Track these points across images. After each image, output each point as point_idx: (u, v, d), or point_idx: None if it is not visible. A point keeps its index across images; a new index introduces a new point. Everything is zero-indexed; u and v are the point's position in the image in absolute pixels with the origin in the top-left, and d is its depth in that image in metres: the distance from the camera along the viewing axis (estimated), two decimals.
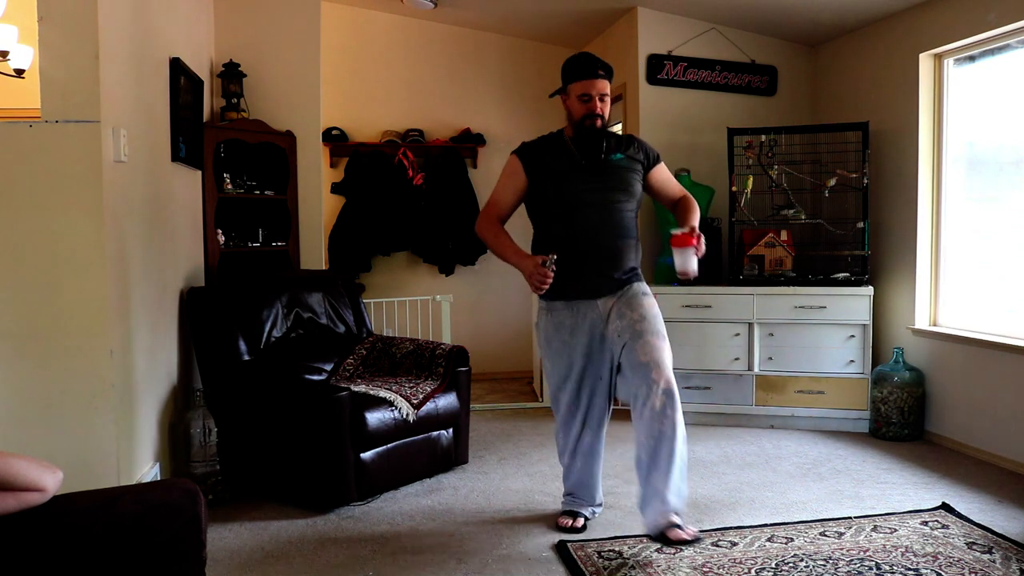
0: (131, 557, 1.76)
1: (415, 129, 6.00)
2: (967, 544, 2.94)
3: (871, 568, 2.74)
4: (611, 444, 4.38)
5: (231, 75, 4.53)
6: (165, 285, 3.55)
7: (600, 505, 3.27)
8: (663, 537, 2.81)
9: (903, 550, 2.89)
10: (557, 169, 3.02)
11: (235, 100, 4.54)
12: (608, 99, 3.01)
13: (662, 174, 3.16)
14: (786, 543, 2.97)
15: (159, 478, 3.25)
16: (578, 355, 3.01)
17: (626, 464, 4.01)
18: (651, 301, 3.02)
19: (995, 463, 3.98)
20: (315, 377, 3.55)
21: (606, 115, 3.02)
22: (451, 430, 3.84)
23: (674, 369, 4.82)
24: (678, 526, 2.80)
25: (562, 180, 3.00)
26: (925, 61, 4.46)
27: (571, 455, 3.18)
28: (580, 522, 3.15)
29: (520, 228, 3.24)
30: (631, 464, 3.98)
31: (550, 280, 2.84)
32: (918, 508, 3.34)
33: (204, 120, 4.30)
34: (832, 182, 4.69)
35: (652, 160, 3.13)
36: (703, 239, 2.89)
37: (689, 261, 2.86)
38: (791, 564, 2.78)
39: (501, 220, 3.08)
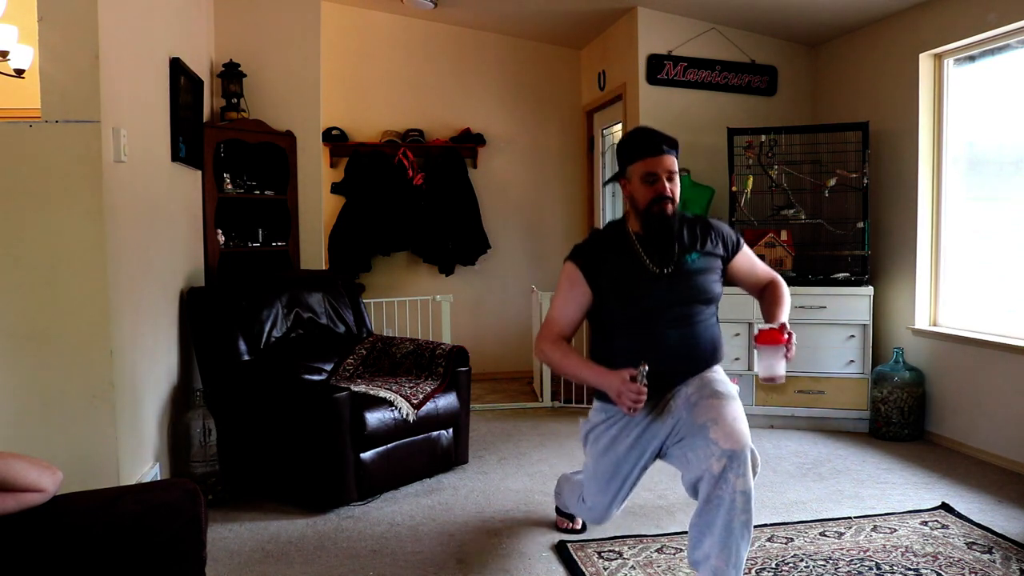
0: (131, 557, 1.76)
1: (415, 129, 6.00)
2: (967, 544, 2.94)
3: (871, 568, 2.74)
4: None
5: (231, 75, 4.53)
6: (165, 285, 3.55)
7: None
8: None
9: (903, 550, 2.89)
10: (624, 278, 2.58)
11: (235, 100, 4.54)
12: (677, 178, 2.57)
13: (746, 261, 2.76)
14: (786, 543, 2.97)
15: (159, 478, 3.25)
16: (623, 448, 2.66)
17: None
18: (714, 375, 2.61)
19: (995, 463, 3.98)
20: (315, 377, 3.55)
21: (676, 197, 2.57)
22: (451, 430, 3.84)
23: None
24: None
25: (631, 292, 2.57)
26: (925, 61, 4.46)
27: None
28: (579, 523, 3.15)
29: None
30: None
31: (645, 396, 2.37)
32: (918, 508, 3.34)
33: (204, 120, 4.30)
34: (832, 182, 4.69)
35: (732, 249, 2.72)
36: (794, 338, 2.44)
37: (778, 364, 2.40)
38: (791, 564, 2.78)
39: (565, 340, 2.64)
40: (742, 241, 2.78)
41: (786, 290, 2.72)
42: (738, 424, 2.37)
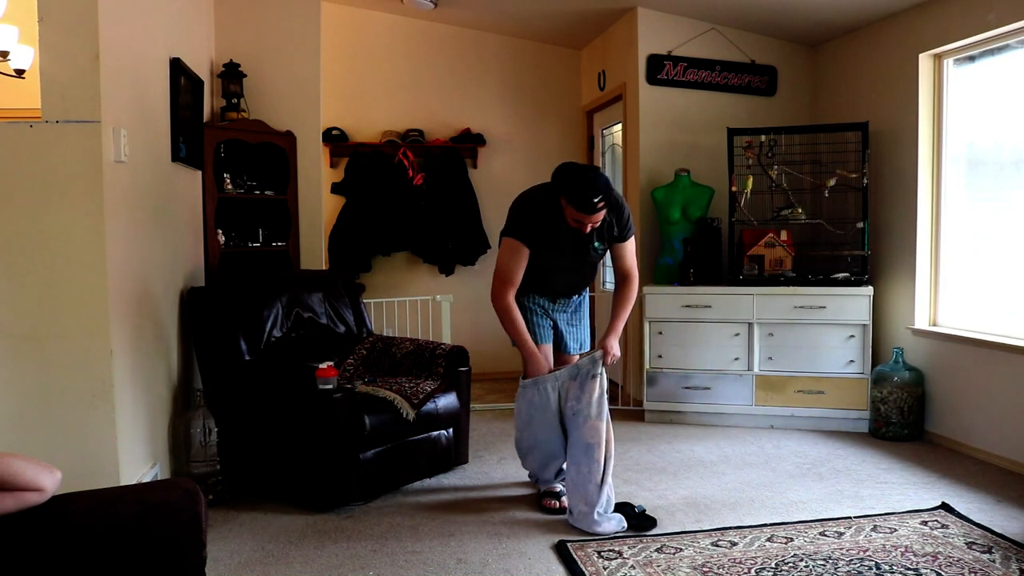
0: (131, 557, 1.76)
1: (415, 129, 6.00)
2: (967, 544, 2.94)
3: (871, 568, 2.74)
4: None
5: (231, 75, 4.53)
6: (165, 285, 3.55)
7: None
8: None
9: (903, 550, 2.89)
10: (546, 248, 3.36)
11: (235, 100, 4.53)
12: (602, 213, 3.15)
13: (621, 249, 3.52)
14: (786, 543, 2.97)
15: (159, 478, 3.25)
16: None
17: (625, 464, 4.01)
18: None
19: (995, 463, 3.97)
20: None
21: (596, 225, 3.23)
22: (451, 430, 3.84)
23: (675, 369, 4.85)
24: None
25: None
26: (925, 61, 4.46)
27: None
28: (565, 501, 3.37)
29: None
30: (630, 464, 4.00)
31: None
32: (918, 508, 3.34)
33: (204, 120, 4.30)
34: (832, 182, 4.68)
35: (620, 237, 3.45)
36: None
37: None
38: (791, 564, 2.78)
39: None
40: (630, 234, 3.42)
41: (634, 294, 3.47)
42: None
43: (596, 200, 3.07)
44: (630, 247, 3.46)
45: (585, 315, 3.66)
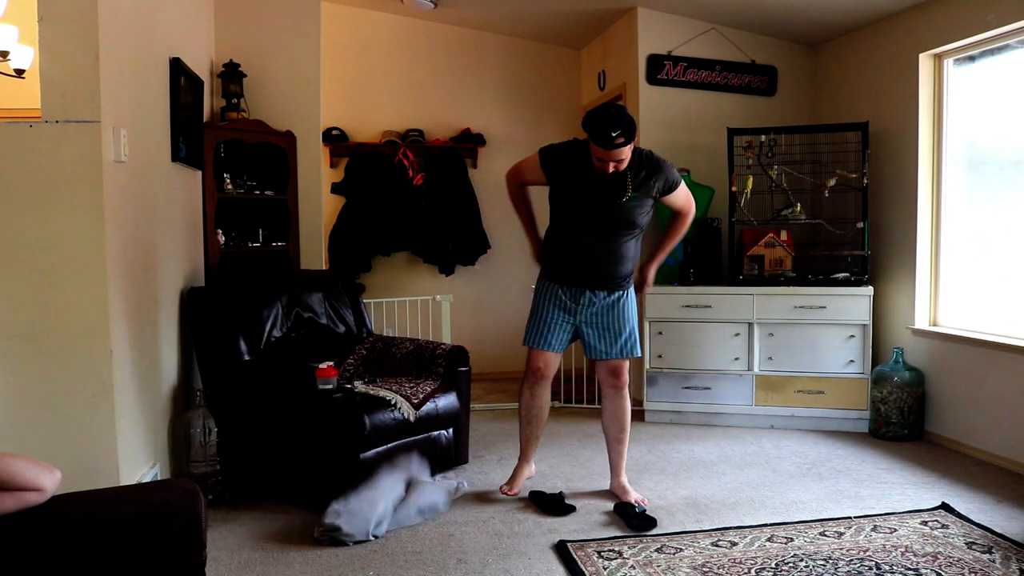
0: (131, 557, 1.76)
1: (415, 129, 6.00)
2: (967, 544, 2.94)
3: (871, 568, 2.74)
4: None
5: (231, 75, 4.53)
6: (165, 285, 3.55)
7: None
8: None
9: (903, 550, 2.89)
10: (572, 192, 3.32)
11: (235, 100, 4.53)
12: (626, 155, 3.11)
13: (672, 197, 3.42)
14: (786, 543, 2.97)
15: (159, 478, 3.25)
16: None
17: (626, 464, 4.00)
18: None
19: (995, 463, 3.98)
20: None
21: (622, 166, 3.16)
22: (451, 430, 3.84)
23: (675, 369, 4.86)
24: None
25: (574, 204, 3.33)
26: (925, 61, 4.46)
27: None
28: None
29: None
30: (631, 464, 3.99)
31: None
32: (918, 508, 3.34)
33: (204, 120, 4.30)
34: (832, 182, 4.68)
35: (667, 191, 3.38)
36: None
37: None
38: (791, 564, 2.78)
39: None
40: (677, 185, 3.37)
41: (685, 227, 3.51)
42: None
43: (615, 135, 3.00)
44: (681, 192, 3.40)
45: (625, 315, 3.41)
